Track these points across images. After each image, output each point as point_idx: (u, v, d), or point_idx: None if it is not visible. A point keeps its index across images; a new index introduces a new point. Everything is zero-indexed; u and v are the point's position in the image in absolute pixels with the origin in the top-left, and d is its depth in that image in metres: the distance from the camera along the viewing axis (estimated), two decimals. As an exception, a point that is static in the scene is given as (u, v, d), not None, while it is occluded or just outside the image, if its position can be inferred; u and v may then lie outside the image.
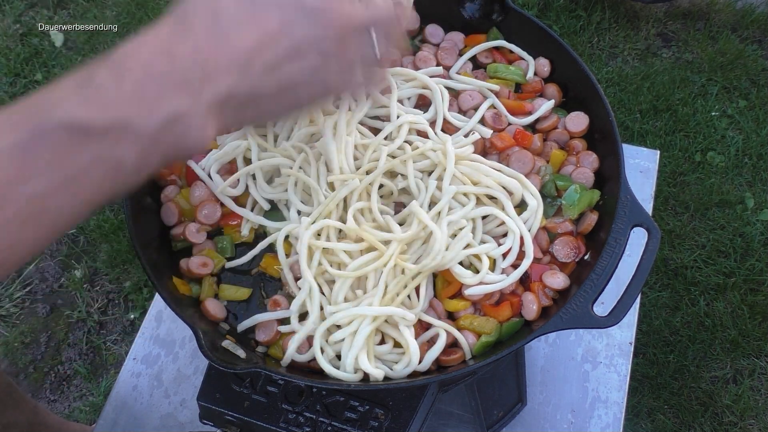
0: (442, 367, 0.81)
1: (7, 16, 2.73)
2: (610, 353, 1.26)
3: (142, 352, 1.29)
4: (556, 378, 1.25)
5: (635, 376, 1.79)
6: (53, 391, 1.93)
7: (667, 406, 1.80)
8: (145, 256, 0.83)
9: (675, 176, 2.18)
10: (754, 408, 1.79)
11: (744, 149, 2.22)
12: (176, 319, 1.04)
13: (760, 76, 2.38)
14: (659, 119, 2.29)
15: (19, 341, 2.00)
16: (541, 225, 0.86)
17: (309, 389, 0.82)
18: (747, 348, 1.87)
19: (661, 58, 2.47)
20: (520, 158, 0.90)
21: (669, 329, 1.91)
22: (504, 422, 1.21)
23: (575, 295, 0.78)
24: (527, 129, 0.95)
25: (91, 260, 2.13)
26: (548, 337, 1.28)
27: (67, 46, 2.66)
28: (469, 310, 0.83)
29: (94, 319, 2.03)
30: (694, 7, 2.58)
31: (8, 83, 2.52)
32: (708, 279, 1.98)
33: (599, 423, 1.20)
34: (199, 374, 1.26)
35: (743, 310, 1.91)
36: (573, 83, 0.97)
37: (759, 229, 2.05)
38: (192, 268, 0.85)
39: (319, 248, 0.80)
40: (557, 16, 2.53)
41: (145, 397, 1.25)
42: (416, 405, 0.80)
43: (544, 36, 0.97)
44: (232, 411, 0.82)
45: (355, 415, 0.80)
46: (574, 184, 0.89)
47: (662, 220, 2.08)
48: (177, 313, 0.77)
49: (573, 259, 0.86)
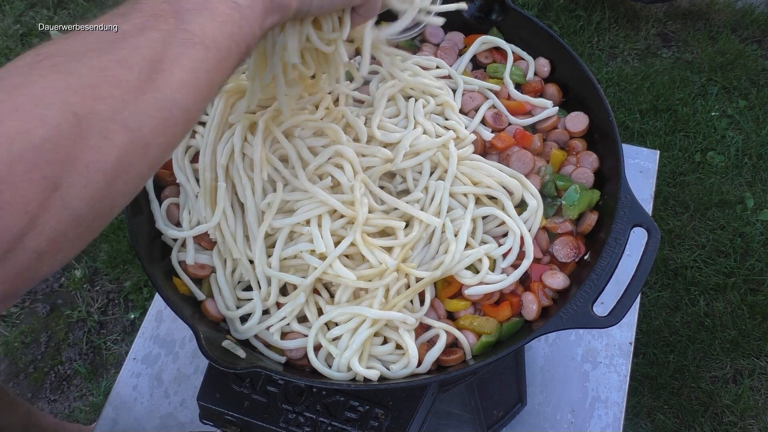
0: (442, 367, 0.81)
1: (7, 17, 2.73)
2: (610, 353, 1.26)
3: (142, 351, 1.29)
4: (556, 378, 1.25)
5: (635, 376, 1.79)
6: (53, 391, 1.93)
7: (667, 406, 1.80)
8: (144, 256, 0.83)
9: (675, 176, 2.18)
10: (754, 408, 1.79)
11: (744, 149, 2.22)
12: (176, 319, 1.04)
13: (760, 76, 2.38)
14: (659, 119, 2.29)
15: (19, 341, 2.00)
16: (541, 225, 0.86)
17: (309, 389, 0.82)
18: (747, 348, 1.87)
19: (661, 58, 2.47)
20: (521, 158, 0.90)
21: (669, 329, 1.91)
22: (504, 422, 1.21)
23: (575, 295, 0.78)
24: (527, 129, 0.95)
25: (91, 260, 2.13)
26: (548, 337, 1.28)
27: (67, 46, 2.66)
28: (469, 310, 0.83)
29: (94, 318, 2.03)
30: (694, 7, 2.58)
31: (8, 83, 2.52)
32: (708, 279, 1.98)
33: (599, 423, 1.20)
34: (199, 374, 1.26)
35: (743, 310, 1.91)
36: (573, 83, 0.97)
37: (759, 229, 2.05)
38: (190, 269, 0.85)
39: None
40: (557, 16, 2.53)
41: (145, 397, 1.25)
42: (416, 405, 0.80)
43: (544, 36, 0.98)
44: (232, 411, 0.82)
45: (355, 415, 0.80)
46: (574, 184, 0.89)
47: (662, 220, 2.08)
48: (177, 313, 0.77)
49: (573, 259, 0.86)
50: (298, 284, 0.80)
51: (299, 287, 0.80)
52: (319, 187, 0.81)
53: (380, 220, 0.82)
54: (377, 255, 0.79)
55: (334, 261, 0.78)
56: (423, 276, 0.80)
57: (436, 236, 0.83)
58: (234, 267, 0.85)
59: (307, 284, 0.79)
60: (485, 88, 0.97)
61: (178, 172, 0.88)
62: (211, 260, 0.86)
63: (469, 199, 0.85)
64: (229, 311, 0.83)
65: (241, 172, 0.82)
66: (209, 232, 0.84)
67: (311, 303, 0.82)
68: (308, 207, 0.81)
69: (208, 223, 0.83)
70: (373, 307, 0.78)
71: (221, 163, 0.82)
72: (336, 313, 0.79)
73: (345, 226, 0.82)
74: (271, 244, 0.83)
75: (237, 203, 0.85)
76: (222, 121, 0.85)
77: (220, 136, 0.84)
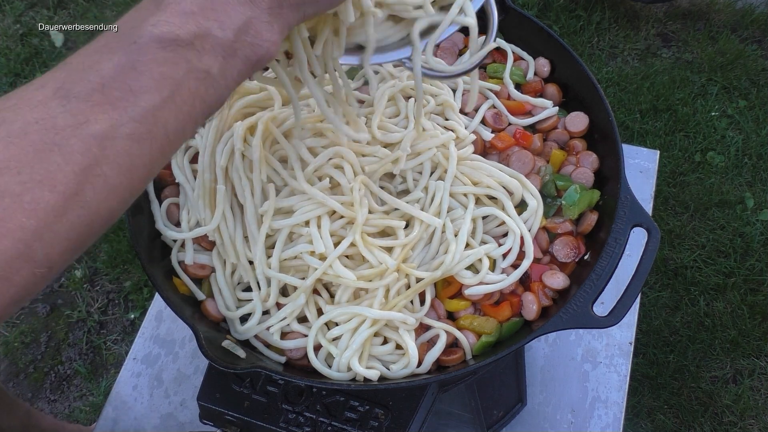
0: (442, 367, 0.81)
1: (8, 16, 2.73)
2: (610, 353, 1.26)
3: (142, 351, 1.29)
4: (556, 378, 1.25)
5: (635, 376, 1.79)
6: (53, 391, 1.93)
7: (667, 406, 1.80)
8: (144, 256, 0.83)
9: (675, 176, 2.18)
10: (754, 408, 1.79)
11: (744, 149, 2.22)
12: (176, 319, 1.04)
13: (760, 76, 2.38)
14: (659, 119, 2.29)
15: (19, 341, 2.00)
16: (541, 225, 0.86)
17: (309, 389, 0.82)
18: (747, 348, 1.87)
19: (661, 58, 2.47)
20: (521, 158, 0.90)
21: (669, 329, 1.91)
22: (504, 422, 1.21)
23: (575, 295, 0.78)
24: (527, 129, 0.95)
25: (91, 260, 2.12)
26: (548, 337, 1.28)
27: (67, 46, 2.66)
28: (469, 310, 0.83)
29: (94, 318, 2.03)
30: (694, 7, 2.58)
31: (8, 83, 2.52)
32: (708, 279, 1.98)
33: (599, 423, 1.20)
34: (199, 374, 1.26)
35: (743, 310, 1.91)
36: (573, 83, 0.97)
37: (759, 229, 2.05)
38: (190, 269, 0.85)
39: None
40: (557, 16, 2.53)
41: (145, 397, 1.25)
42: (416, 405, 0.80)
43: (544, 36, 0.97)
44: (232, 411, 0.82)
45: (355, 415, 0.80)
46: (574, 184, 0.89)
47: (662, 220, 2.08)
48: (177, 313, 0.77)
49: (573, 259, 0.86)
50: (298, 285, 0.80)
51: (299, 288, 0.80)
52: (318, 188, 0.81)
53: (380, 221, 0.82)
54: (377, 255, 0.79)
55: (334, 261, 0.78)
56: (423, 276, 0.80)
57: (436, 236, 0.83)
58: (234, 268, 0.85)
59: (307, 285, 0.79)
60: (485, 88, 0.97)
61: (177, 172, 0.88)
62: (211, 260, 0.86)
63: (469, 199, 0.85)
64: (229, 312, 0.83)
65: (240, 173, 0.82)
66: (208, 234, 0.84)
67: (311, 303, 0.82)
68: (307, 208, 0.81)
69: (207, 225, 0.83)
70: (374, 307, 0.78)
71: (221, 165, 0.82)
72: (336, 312, 0.79)
73: (345, 227, 0.82)
74: (271, 245, 0.83)
75: (237, 204, 0.84)
76: (222, 122, 0.85)
77: (219, 137, 0.84)
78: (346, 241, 0.79)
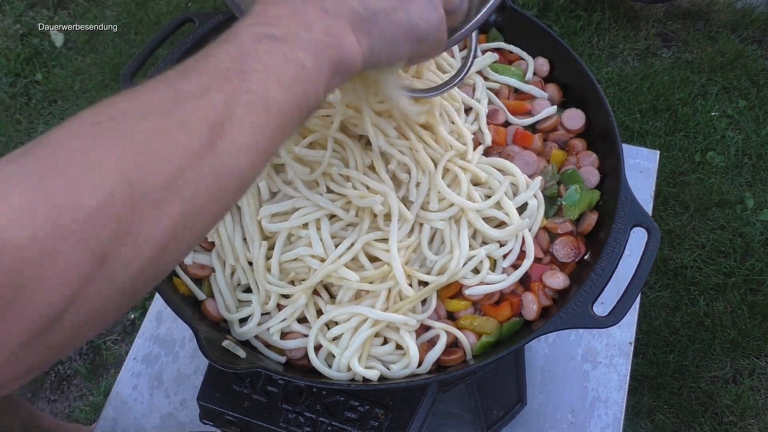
0: (442, 367, 0.81)
1: (7, 16, 2.73)
2: (610, 353, 1.26)
3: (142, 351, 1.29)
4: (556, 378, 1.25)
5: (635, 376, 1.79)
6: (53, 391, 1.93)
7: (667, 406, 1.80)
8: (145, 256, 0.82)
9: (675, 176, 2.18)
10: (754, 408, 1.79)
11: (744, 149, 2.22)
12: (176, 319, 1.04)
13: (760, 76, 2.38)
14: (659, 119, 2.29)
15: (19, 341, 2.00)
16: (542, 225, 0.86)
17: (309, 389, 0.82)
18: (747, 348, 1.87)
19: (661, 58, 2.47)
20: (525, 159, 0.89)
21: (669, 329, 1.91)
22: (504, 422, 1.21)
23: (575, 295, 0.78)
24: (527, 129, 0.95)
25: (91, 260, 2.12)
26: (548, 337, 1.28)
27: (68, 46, 2.66)
28: (469, 310, 0.83)
29: (94, 319, 2.02)
30: (694, 7, 2.58)
31: (8, 83, 2.52)
32: (708, 279, 1.98)
33: (599, 423, 1.20)
34: (199, 374, 1.26)
35: (743, 310, 1.91)
36: (573, 83, 0.97)
37: (759, 229, 2.05)
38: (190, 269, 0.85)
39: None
40: (557, 16, 2.53)
41: (145, 397, 1.25)
42: (416, 405, 0.80)
43: (544, 36, 0.97)
44: (232, 411, 0.82)
45: (355, 415, 0.80)
46: (578, 183, 0.89)
47: (662, 220, 2.08)
48: (177, 313, 0.78)
49: (573, 259, 0.86)
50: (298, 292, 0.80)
51: (300, 289, 0.80)
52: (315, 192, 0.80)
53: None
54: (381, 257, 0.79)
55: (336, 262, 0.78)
56: (426, 279, 0.80)
57: (437, 238, 0.83)
58: (233, 269, 0.85)
59: (307, 287, 0.79)
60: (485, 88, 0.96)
61: None
62: (211, 260, 0.85)
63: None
64: (229, 313, 0.83)
65: None
66: (207, 235, 0.84)
67: (311, 304, 0.82)
68: (305, 210, 0.81)
69: None
70: (375, 308, 0.78)
71: None
72: (336, 312, 0.79)
73: (345, 228, 0.82)
74: (271, 246, 0.83)
75: (235, 205, 0.84)
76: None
77: None
78: (346, 243, 0.79)
